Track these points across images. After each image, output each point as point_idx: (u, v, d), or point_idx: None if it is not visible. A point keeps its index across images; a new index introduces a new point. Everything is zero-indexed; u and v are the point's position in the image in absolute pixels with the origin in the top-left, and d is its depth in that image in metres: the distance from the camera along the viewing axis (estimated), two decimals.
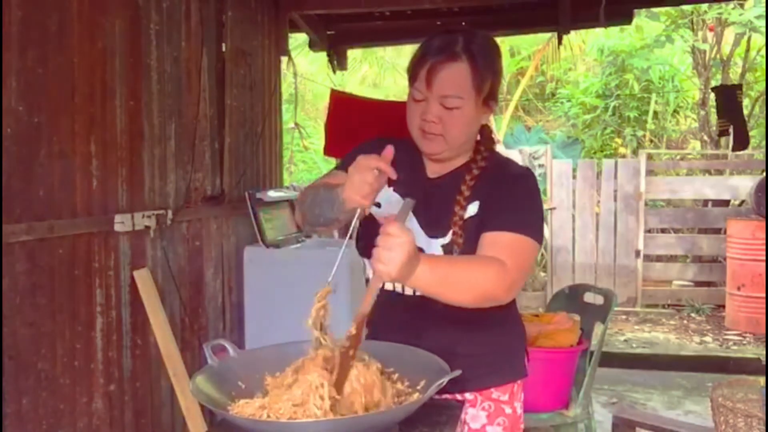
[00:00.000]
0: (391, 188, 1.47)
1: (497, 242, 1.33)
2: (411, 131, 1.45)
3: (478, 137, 1.51)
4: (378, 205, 1.45)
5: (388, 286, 1.47)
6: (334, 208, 1.31)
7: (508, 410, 1.51)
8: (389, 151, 1.23)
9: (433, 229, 1.44)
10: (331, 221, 1.37)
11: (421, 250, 1.39)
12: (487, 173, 1.46)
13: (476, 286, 1.27)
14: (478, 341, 1.47)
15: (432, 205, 1.44)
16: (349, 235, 1.30)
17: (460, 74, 1.37)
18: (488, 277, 1.27)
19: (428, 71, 1.37)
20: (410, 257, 1.13)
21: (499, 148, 8.10)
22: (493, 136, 1.54)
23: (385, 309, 1.44)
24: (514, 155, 7.17)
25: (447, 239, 1.42)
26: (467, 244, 1.40)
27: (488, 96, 1.43)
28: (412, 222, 1.45)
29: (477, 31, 1.44)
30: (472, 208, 1.43)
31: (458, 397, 1.47)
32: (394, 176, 1.23)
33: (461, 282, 1.26)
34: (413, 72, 1.41)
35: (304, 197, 1.48)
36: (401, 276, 1.14)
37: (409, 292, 1.45)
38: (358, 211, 1.26)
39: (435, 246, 1.43)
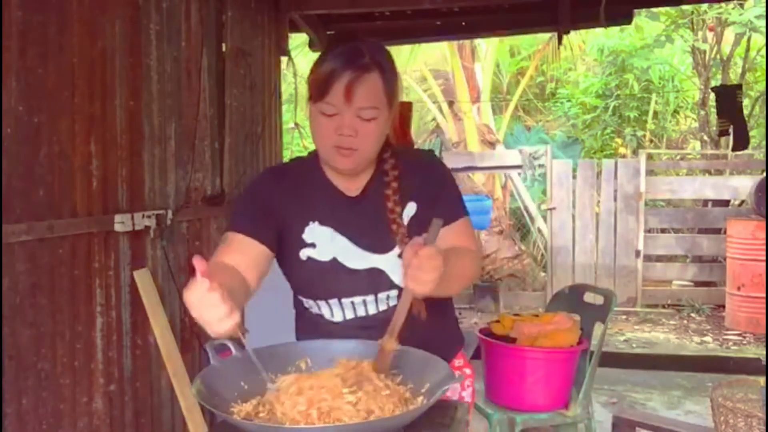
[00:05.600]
0: (316, 222, 1.43)
1: (454, 235, 1.42)
2: (322, 149, 1.39)
3: None
4: (313, 245, 1.41)
5: (349, 314, 1.44)
6: None
7: (468, 371, 1.63)
8: (199, 263, 1.04)
9: (376, 246, 1.42)
10: None
11: (379, 270, 1.41)
12: (404, 174, 1.45)
13: (467, 277, 1.43)
14: (432, 321, 1.43)
15: (364, 224, 1.43)
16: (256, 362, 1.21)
17: (374, 85, 1.34)
18: (473, 266, 1.45)
19: (347, 85, 1.32)
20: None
21: (499, 149, 8.12)
22: (390, 139, 1.48)
23: (346, 331, 1.44)
24: (514, 155, 7.17)
25: (396, 252, 1.40)
26: None
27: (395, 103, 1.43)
28: (352, 249, 1.42)
29: (370, 40, 1.40)
30: (410, 210, 1.44)
31: None
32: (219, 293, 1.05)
33: (458, 277, 1.36)
34: (324, 86, 1.33)
35: None
36: (432, 292, 1.21)
37: (373, 311, 1.44)
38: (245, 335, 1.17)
39: (388, 260, 1.41)
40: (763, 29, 6.38)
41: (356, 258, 1.42)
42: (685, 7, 6.94)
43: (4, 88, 2.01)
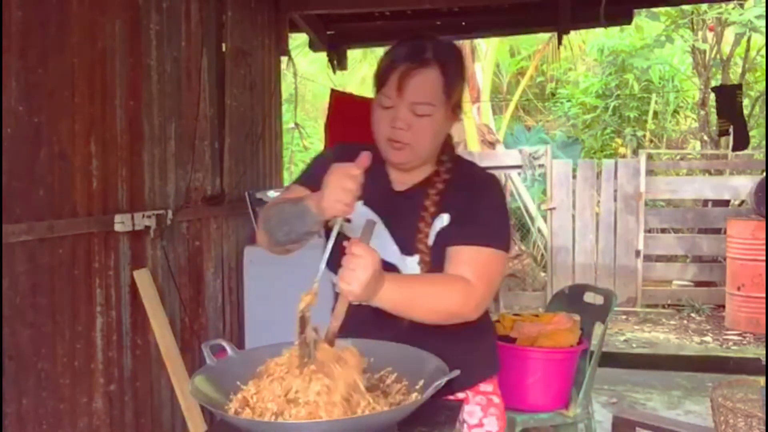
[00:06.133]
0: (360, 201, 1.41)
1: (463, 258, 1.35)
2: (378, 139, 1.42)
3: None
4: (348, 220, 1.40)
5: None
6: (305, 221, 1.28)
7: (496, 400, 1.55)
8: (366, 158, 1.21)
9: (406, 247, 1.41)
10: (302, 236, 1.35)
11: (396, 268, 1.40)
12: (453, 183, 1.44)
13: (441, 306, 1.31)
14: (460, 341, 1.43)
15: (403, 220, 1.42)
16: (329, 245, 1.23)
17: (431, 81, 1.35)
18: (452, 297, 1.31)
19: (400, 77, 1.34)
20: (374, 277, 1.16)
21: (499, 149, 8.12)
22: (452, 143, 1.51)
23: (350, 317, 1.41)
24: (514, 155, 7.17)
25: (417, 258, 1.40)
26: (441, 260, 1.38)
27: (456, 104, 1.42)
28: (387, 239, 1.42)
29: (443, 38, 1.42)
30: (443, 221, 1.41)
31: (450, 397, 1.45)
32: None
33: (425, 302, 1.30)
34: (382, 78, 1.38)
35: (268, 215, 1.43)
36: (365, 296, 1.18)
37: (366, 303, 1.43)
38: (339, 220, 1.22)
39: (410, 263, 1.40)
40: (763, 29, 6.38)
41: (381, 248, 1.37)
42: (685, 7, 6.95)
43: (4, 88, 2.01)
